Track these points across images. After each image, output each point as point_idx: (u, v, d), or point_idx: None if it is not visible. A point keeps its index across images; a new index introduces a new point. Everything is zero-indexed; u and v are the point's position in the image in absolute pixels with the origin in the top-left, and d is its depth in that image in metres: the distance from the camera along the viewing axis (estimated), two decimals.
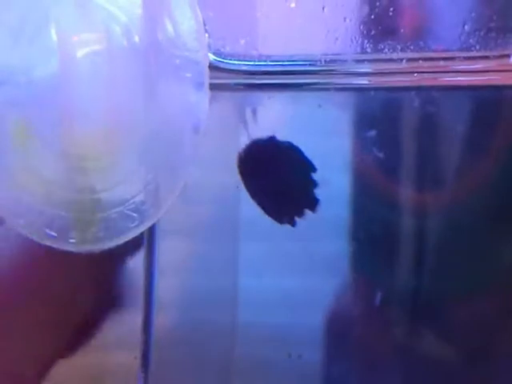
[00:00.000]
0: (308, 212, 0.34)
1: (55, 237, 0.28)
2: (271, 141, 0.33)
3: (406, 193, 0.34)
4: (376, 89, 0.32)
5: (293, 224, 0.34)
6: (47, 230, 0.28)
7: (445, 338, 0.34)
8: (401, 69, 0.32)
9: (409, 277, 0.34)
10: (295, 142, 0.33)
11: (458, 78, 0.32)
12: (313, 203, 0.34)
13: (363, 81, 0.32)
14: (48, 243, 0.28)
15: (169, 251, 0.36)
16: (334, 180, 0.34)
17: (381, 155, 0.33)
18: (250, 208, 0.34)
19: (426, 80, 0.32)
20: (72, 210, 0.28)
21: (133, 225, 0.29)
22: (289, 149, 0.33)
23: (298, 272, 0.35)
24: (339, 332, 0.35)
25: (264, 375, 0.36)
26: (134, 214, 0.29)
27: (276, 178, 0.34)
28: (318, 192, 0.34)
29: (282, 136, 0.33)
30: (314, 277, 0.35)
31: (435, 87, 0.32)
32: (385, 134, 0.33)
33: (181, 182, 0.30)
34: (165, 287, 0.36)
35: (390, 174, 0.34)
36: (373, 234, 0.34)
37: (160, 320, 0.36)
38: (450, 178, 0.33)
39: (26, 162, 0.28)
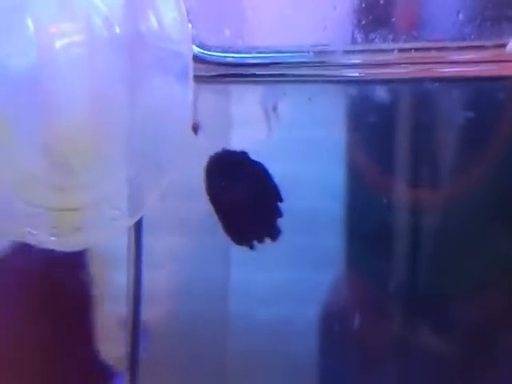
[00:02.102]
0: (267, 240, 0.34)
1: (35, 234, 0.28)
2: (243, 157, 0.33)
3: (401, 187, 0.33)
4: (367, 81, 0.31)
5: (251, 248, 0.34)
6: (28, 228, 0.28)
7: (441, 333, 0.33)
8: (392, 60, 0.31)
9: (404, 271, 0.33)
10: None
11: (452, 69, 0.31)
12: (274, 233, 0.34)
13: (353, 73, 0.31)
14: (29, 241, 0.28)
15: (160, 244, 0.35)
16: (329, 174, 0.33)
17: (374, 149, 0.33)
18: None
19: (419, 71, 0.31)
20: (53, 206, 0.28)
21: (116, 222, 0.29)
22: (259, 171, 0.33)
23: (292, 266, 0.34)
24: (334, 326, 0.35)
25: (257, 367, 0.35)
26: (118, 211, 0.29)
27: (240, 198, 0.34)
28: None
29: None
30: (309, 271, 0.34)
31: (428, 78, 0.31)
32: (377, 127, 0.32)
33: (165, 178, 0.29)
34: (156, 279, 0.35)
35: (384, 169, 0.33)
36: (368, 228, 0.34)
37: (152, 312, 0.35)
38: (445, 172, 0.33)
39: (6, 157, 0.27)
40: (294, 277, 0.35)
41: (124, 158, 0.29)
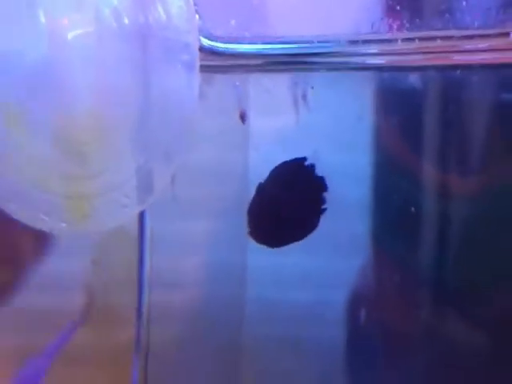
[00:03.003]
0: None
1: (47, 220, 0.28)
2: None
3: (431, 172, 0.33)
4: (371, 69, 0.31)
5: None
6: (39, 214, 0.28)
7: (469, 320, 0.34)
8: (397, 50, 0.31)
9: (432, 257, 0.34)
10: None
11: (456, 58, 0.31)
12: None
13: (358, 61, 0.31)
14: (40, 227, 0.28)
15: (175, 229, 0.35)
16: (356, 160, 0.34)
17: (403, 134, 0.33)
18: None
19: (423, 60, 0.31)
20: (64, 194, 0.28)
21: (126, 208, 0.29)
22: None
23: (318, 251, 0.35)
24: (361, 312, 0.35)
25: (277, 353, 0.35)
26: (127, 198, 0.29)
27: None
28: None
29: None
30: (337, 256, 0.35)
31: (431, 67, 0.31)
32: (407, 112, 0.33)
33: (174, 166, 0.30)
34: (176, 265, 0.36)
35: (414, 154, 0.33)
36: (396, 214, 0.34)
37: (165, 297, 0.36)
38: (476, 159, 0.33)
39: (18, 146, 0.28)
40: (319, 262, 0.35)
41: (134, 146, 0.29)
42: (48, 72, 0.27)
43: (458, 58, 0.31)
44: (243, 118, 0.33)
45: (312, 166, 0.33)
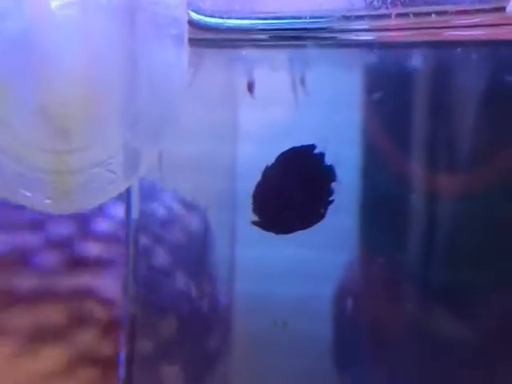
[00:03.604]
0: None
1: (30, 197, 0.27)
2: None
3: (419, 168, 0.32)
4: (364, 45, 0.31)
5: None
6: (22, 190, 0.28)
7: (456, 316, 0.33)
8: (390, 25, 0.31)
9: (420, 253, 0.33)
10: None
11: (451, 33, 0.30)
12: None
13: (351, 37, 0.30)
14: (23, 203, 0.28)
15: None
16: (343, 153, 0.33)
17: (391, 125, 0.32)
18: (249, 178, 0.33)
19: (417, 35, 0.30)
20: (47, 169, 0.28)
21: (111, 185, 0.29)
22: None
23: (305, 245, 0.34)
24: (348, 306, 0.34)
25: (265, 347, 0.35)
26: (113, 174, 0.28)
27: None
28: None
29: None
30: (325, 250, 0.34)
31: (426, 43, 0.31)
32: (393, 96, 0.32)
33: (161, 142, 0.29)
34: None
35: (401, 148, 0.32)
36: (384, 209, 0.33)
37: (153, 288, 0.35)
38: (465, 156, 0.32)
39: (1, 120, 0.27)
40: (307, 256, 0.34)
41: (120, 121, 0.28)
42: (30, 43, 0.27)
43: (453, 34, 0.30)
44: (251, 88, 0.32)
45: (321, 155, 0.32)
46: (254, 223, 0.32)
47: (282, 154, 0.32)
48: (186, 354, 0.35)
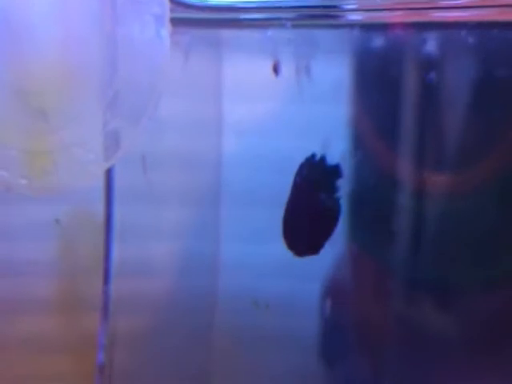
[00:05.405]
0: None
1: (6, 176, 0.27)
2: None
3: (408, 164, 0.32)
4: (350, 26, 0.30)
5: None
6: None
7: (444, 312, 0.33)
8: (380, 5, 0.30)
9: (407, 250, 0.33)
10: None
11: (442, 14, 0.30)
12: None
13: (337, 17, 0.30)
14: None
15: (148, 217, 0.34)
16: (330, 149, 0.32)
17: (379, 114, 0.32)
18: (233, 172, 0.33)
19: (407, 16, 0.30)
20: (24, 148, 0.27)
21: (90, 166, 0.28)
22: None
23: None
24: (335, 303, 0.34)
25: (249, 344, 0.34)
26: (91, 154, 0.28)
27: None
28: None
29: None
30: None
31: (416, 24, 0.30)
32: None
33: (142, 124, 0.29)
34: (146, 254, 0.35)
35: (391, 143, 0.32)
36: (372, 205, 0.33)
37: (134, 286, 0.35)
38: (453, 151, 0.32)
39: None
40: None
41: (100, 101, 0.28)
42: (5, 21, 0.26)
43: (440, 15, 0.29)
44: (276, 69, 0.31)
45: (322, 158, 0.32)
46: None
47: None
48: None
